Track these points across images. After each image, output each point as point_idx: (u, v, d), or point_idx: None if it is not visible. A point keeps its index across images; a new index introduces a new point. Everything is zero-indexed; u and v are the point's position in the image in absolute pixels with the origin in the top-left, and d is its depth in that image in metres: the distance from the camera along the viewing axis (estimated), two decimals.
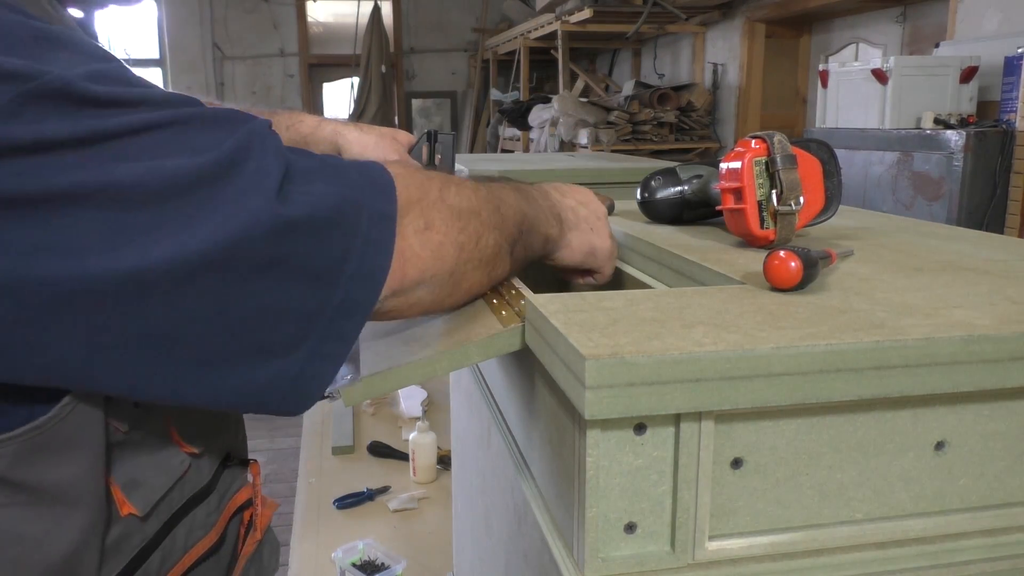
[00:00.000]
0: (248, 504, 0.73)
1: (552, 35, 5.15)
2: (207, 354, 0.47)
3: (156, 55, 7.02)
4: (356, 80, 6.97)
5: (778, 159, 0.72)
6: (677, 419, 0.49)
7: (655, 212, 0.93)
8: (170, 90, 0.50)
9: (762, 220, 0.74)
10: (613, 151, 4.20)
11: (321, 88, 7.40)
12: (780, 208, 0.72)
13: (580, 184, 0.79)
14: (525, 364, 0.67)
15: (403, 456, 2.15)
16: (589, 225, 0.75)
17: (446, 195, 0.58)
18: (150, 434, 0.60)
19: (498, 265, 0.63)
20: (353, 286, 0.50)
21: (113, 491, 0.57)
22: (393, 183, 0.54)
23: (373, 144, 1.06)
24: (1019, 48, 2.50)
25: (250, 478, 0.74)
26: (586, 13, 4.41)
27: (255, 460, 0.76)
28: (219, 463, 0.69)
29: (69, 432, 0.51)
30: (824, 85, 3.10)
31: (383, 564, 1.61)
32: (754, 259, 0.71)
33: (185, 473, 0.63)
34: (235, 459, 0.71)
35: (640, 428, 0.49)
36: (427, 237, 0.55)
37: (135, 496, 0.58)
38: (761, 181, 0.73)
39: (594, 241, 0.75)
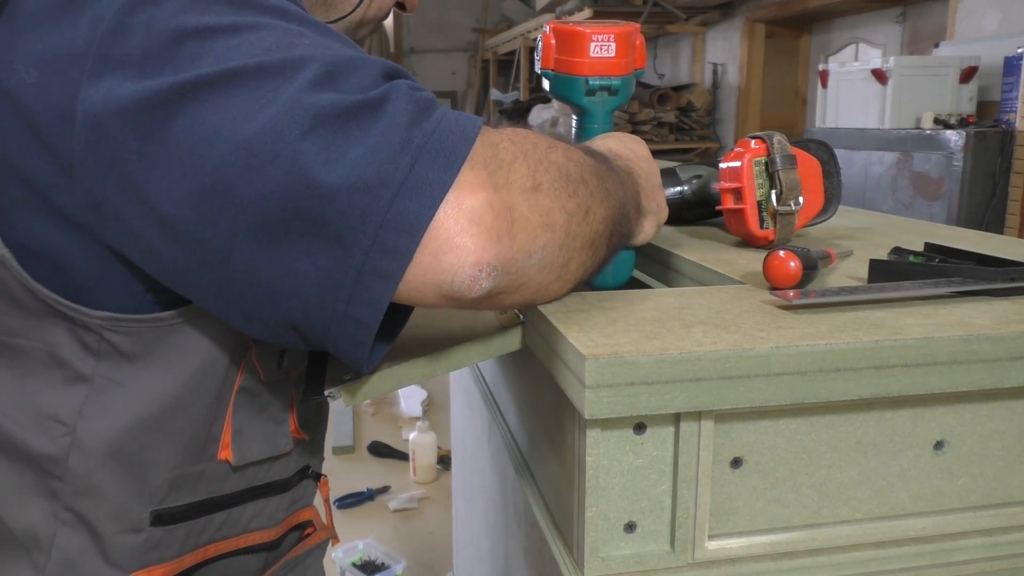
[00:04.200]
0: (307, 524, 0.71)
1: None
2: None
3: None
4: None
5: (778, 159, 0.72)
6: (677, 419, 0.49)
7: None
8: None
9: (762, 220, 0.74)
10: None
11: None
12: (780, 208, 0.72)
13: None
14: (525, 364, 0.67)
15: (403, 456, 2.15)
16: (656, 202, 0.66)
17: (553, 155, 0.51)
18: (276, 399, 0.61)
19: (598, 251, 0.54)
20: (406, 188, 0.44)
21: (224, 429, 0.58)
22: (475, 126, 0.47)
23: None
24: (1019, 48, 2.49)
25: (319, 505, 0.73)
26: (586, 13, 4.41)
27: (326, 476, 0.75)
28: (302, 467, 0.68)
29: (178, 340, 0.53)
30: (824, 85, 3.10)
31: (383, 564, 1.61)
32: (754, 259, 0.71)
33: (283, 455, 0.63)
34: (312, 472, 0.70)
35: (640, 428, 0.49)
36: (536, 200, 0.48)
37: (236, 445, 0.58)
38: (761, 181, 0.73)
39: (659, 218, 0.67)
